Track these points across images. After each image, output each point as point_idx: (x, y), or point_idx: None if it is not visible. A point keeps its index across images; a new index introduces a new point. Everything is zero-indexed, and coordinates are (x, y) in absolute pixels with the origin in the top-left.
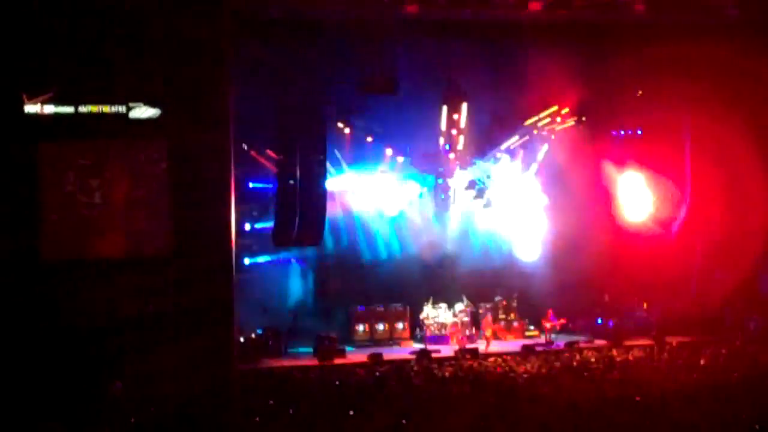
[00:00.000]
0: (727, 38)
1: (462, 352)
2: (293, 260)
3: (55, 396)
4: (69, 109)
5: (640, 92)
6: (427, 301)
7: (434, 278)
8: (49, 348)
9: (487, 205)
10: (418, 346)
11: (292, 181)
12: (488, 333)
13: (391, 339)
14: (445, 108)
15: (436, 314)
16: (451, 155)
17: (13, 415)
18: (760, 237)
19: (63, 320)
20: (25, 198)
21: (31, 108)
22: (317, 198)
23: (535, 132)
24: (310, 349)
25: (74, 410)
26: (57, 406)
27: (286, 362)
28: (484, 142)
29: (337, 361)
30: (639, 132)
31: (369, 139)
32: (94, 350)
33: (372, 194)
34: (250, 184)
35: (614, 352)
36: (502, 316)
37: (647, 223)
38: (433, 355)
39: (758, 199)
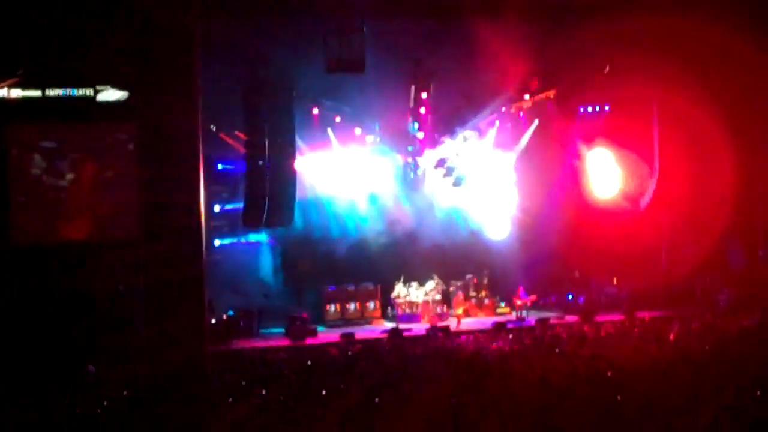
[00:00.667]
0: (695, 13)
1: (433, 330)
2: (263, 241)
3: (27, 379)
4: (36, 93)
5: (608, 68)
6: (398, 279)
7: (405, 257)
8: (18, 331)
9: (456, 183)
10: (389, 325)
11: (261, 162)
12: (459, 311)
13: (363, 318)
14: (413, 87)
15: (407, 293)
16: (420, 134)
17: None
18: (728, 211)
19: (33, 303)
20: None
21: None
22: (287, 178)
23: (503, 109)
24: (282, 330)
25: (46, 393)
26: (28, 388)
27: (258, 343)
28: (453, 121)
29: (309, 341)
30: (607, 108)
31: (337, 118)
32: (64, 333)
33: (341, 174)
34: (219, 166)
35: (585, 327)
36: (473, 294)
37: (616, 199)
38: (405, 333)
39: (726, 173)
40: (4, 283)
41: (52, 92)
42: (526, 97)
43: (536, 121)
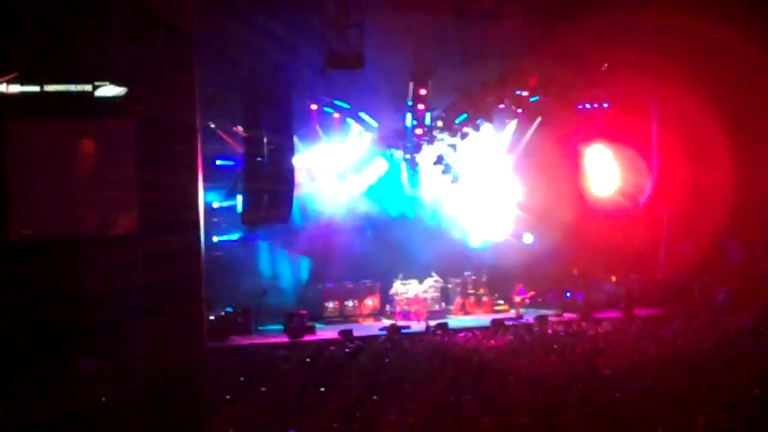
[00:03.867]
0: (694, 9)
1: (432, 327)
2: (261, 237)
3: (25, 374)
4: (34, 88)
5: (606, 65)
6: (397, 277)
7: (403, 254)
8: (17, 326)
9: (454, 180)
10: (388, 322)
11: (259, 159)
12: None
13: (361, 315)
14: (411, 83)
15: (405, 290)
16: (418, 131)
17: None
18: (727, 208)
19: (31, 298)
20: None
21: None
22: (285, 175)
23: (502, 106)
24: (281, 327)
25: (44, 388)
26: (26, 384)
27: (256, 340)
28: (451, 118)
29: (307, 338)
30: (605, 105)
31: (336, 115)
32: (63, 328)
33: (339, 170)
34: (218, 162)
35: (583, 325)
36: (471, 291)
37: (614, 196)
38: (403, 330)
39: (724, 170)
40: (2, 277)
41: (50, 88)
42: (525, 94)
43: (539, 119)
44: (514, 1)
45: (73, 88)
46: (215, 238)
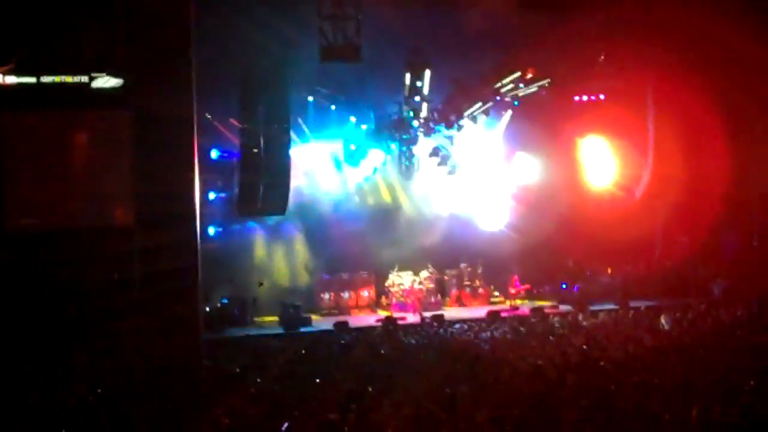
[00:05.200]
0: (689, 2)
1: (429, 318)
2: (258, 229)
3: (19, 367)
4: (31, 80)
5: (603, 57)
6: (393, 268)
7: (399, 245)
8: (12, 318)
9: (451, 172)
10: (383, 313)
11: (255, 150)
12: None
13: (357, 307)
14: (408, 75)
15: (401, 281)
16: (415, 122)
17: None
18: (723, 200)
19: (27, 290)
20: None
21: None
22: (281, 167)
23: (498, 98)
24: (276, 318)
25: (39, 380)
26: (21, 376)
27: (252, 331)
28: (448, 109)
29: (303, 329)
30: (602, 97)
31: (332, 107)
32: (58, 319)
33: (336, 162)
34: (214, 154)
35: (579, 316)
36: (467, 283)
37: (610, 188)
38: (399, 322)
39: (720, 162)
40: None
41: (47, 79)
42: (522, 86)
43: (531, 110)
44: None
45: (69, 79)
46: (211, 230)
